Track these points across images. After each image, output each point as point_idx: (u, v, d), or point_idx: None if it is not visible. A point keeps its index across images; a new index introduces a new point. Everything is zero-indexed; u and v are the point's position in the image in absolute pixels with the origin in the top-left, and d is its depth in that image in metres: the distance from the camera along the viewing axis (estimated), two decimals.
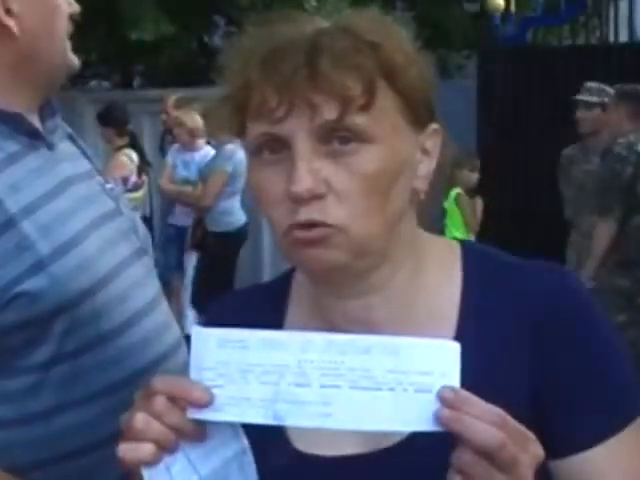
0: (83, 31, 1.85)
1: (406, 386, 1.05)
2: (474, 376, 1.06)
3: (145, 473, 1.08)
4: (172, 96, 8.23)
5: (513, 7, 9.73)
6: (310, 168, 1.14)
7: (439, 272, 1.27)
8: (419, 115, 1.21)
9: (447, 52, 12.84)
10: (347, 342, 1.07)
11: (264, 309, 1.32)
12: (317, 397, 1.06)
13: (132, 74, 14.17)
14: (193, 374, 1.09)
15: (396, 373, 1.05)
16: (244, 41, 1.20)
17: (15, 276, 1.55)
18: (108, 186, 1.80)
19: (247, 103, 1.17)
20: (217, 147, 7.47)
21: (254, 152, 1.19)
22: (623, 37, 10.00)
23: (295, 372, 1.07)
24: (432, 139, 1.24)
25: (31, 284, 1.55)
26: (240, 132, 1.21)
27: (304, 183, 1.13)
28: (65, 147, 1.76)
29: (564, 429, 1.19)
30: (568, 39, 10.37)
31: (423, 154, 1.24)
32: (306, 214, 1.15)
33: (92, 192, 1.73)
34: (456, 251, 1.30)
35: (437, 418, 1.03)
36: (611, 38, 10.09)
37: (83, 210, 1.67)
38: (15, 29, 1.62)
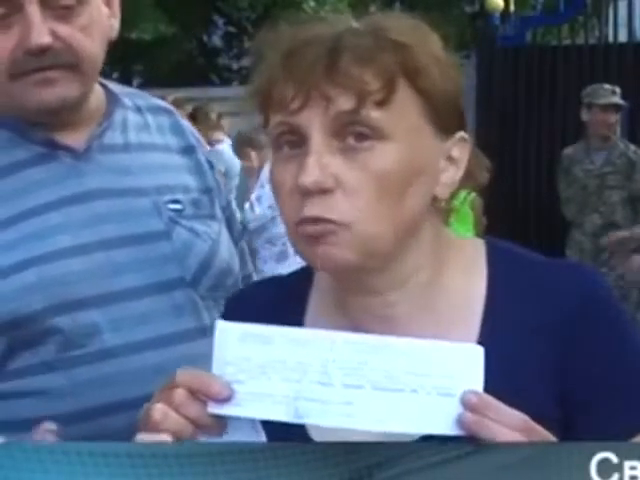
0: None
1: (429, 389, 1.05)
2: (497, 378, 1.06)
3: None
4: (170, 96, 8.23)
5: (512, 7, 9.72)
6: (320, 161, 1.14)
7: (464, 272, 1.26)
8: (444, 120, 1.19)
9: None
10: (372, 343, 1.07)
11: (285, 302, 1.31)
12: (340, 397, 1.06)
13: (131, 74, 14.17)
14: (215, 368, 1.09)
15: (420, 376, 1.05)
16: (272, 39, 1.21)
17: None
18: (173, 206, 1.68)
19: (270, 98, 1.18)
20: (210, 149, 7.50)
21: (276, 147, 1.19)
22: (622, 37, 9.98)
23: (318, 371, 1.06)
24: (459, 147, 1.22)
25: None
26: (264, 120, 1.21)
27: (311, 175, 1.13)
28: (109, 160, 1.66)
29: (595, 428, 1.18)
30: (567, 39, 10.36)
31: (448, 162, 1.21)
32: (311, 210, 1.14)
33: (121, 210, 1.63)
34: (481, 250, 1.28)
35: (460, 422, 1.03)
36: (610, 38, 10.08)
37: (87, 228, 1.59)
38: None
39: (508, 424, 1.03)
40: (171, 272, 1.63)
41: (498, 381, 1.06)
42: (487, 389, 1.05)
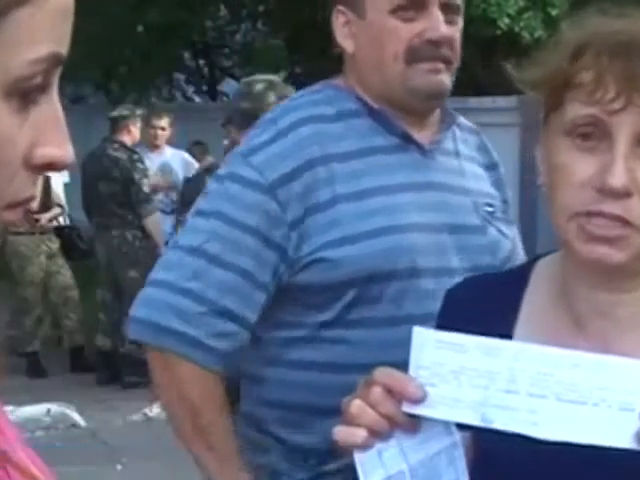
0: None
1: (610, 403, 1.07)
2: None
3: (356, 456, 1.15)
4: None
5: None
6: (627, 165, 1.18)
7: None
8: None
9: None
10: (558, 356, 1.10)
11: (502, 294, 1.37)
12: (524, 405, 1.09)
13: None
14: (411, 371, 1.15)
15: (602, 390, 1.07)
16: (582, 25, 1.26)
17: (321, 245, 1.82)
18: (488, 209, 1.99)
19: (574, 86, 1.22)
20: None
21: (567, 133, 1.23)
22: None
23: (506, 379, 1.10)
24: None
25: (335, 253, 1.81)
26: (555, 102, 1.25)
27: (622, 178, 1.17)
28: (445, 161, 1.98)
29: None
30: None
31: None
32: (612, 207, 1.18)
33: (452, 203, 1.93)
34: None
35: (638, 437, 1.05)
36: None
37: (428, 212, 1.89)
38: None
39: None
40: (486, 260, 1.93)
41: None
42: None
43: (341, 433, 1.15)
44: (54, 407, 6.71)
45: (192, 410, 1.84)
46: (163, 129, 8.45)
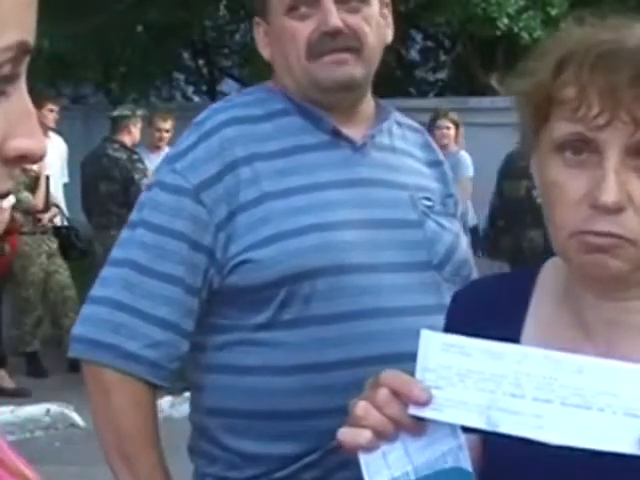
0: None
1: (615, 408, 1.07)
2: None
3: (361, 457, 1.15)
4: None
5: None
6: (618, 179, 1.16)
7: None
8: None
9: None
10: (563, 360, 1.10)
11: (510, 297, 1.36)
12: (530, 409, 1.09)
13: None
14: (417, 373, 1.15)
15: (607, 395, 1.07)
16: (565, 38, 1.24)
17: (247, 245, 1.79)
18: (426, 202, 1.95)
19: (556, 102, 1.21)
20: None
21: (556, 149, 1.22)
22: None
23: (511, 383, 1.11)
24: None
25: (260, 253, 1.79)
26: (541, 117, 1.24)
27: (613, 195, 1.16)
28: (379, 156, 1.95)
29: None
30: None
31: None
32: (604, 225, 1.18)
33: (386, 198, 1.91)
34: None
35: None
36: None
37: (359, 208, 1.87)
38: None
39: None
40: (421, 255, 1.90)
41: None
42: None
43: (346, 434, 1.15)
44: (54, 407, 6.72)
45: (121, 436, 1.83)
46: (167, 131, 8.47)
